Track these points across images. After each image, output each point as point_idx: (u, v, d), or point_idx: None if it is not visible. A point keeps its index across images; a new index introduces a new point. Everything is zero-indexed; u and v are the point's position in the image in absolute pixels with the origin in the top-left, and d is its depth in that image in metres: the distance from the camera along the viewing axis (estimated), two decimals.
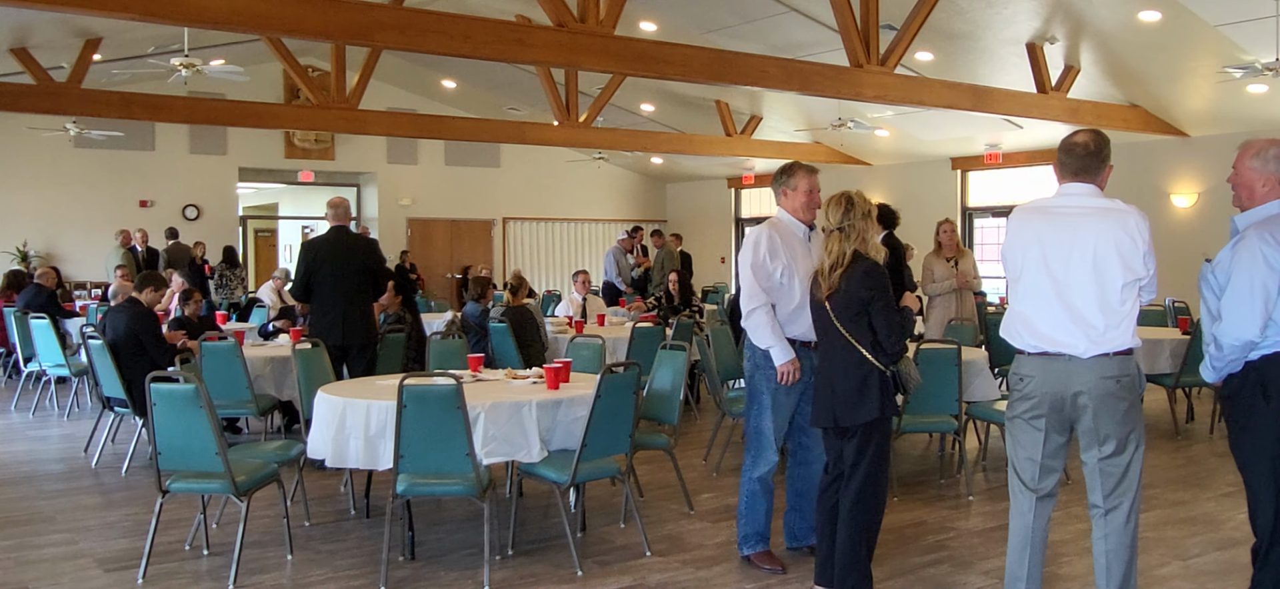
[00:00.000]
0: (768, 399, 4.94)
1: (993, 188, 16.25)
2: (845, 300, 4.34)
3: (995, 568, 5.03)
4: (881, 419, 4.35)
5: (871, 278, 4.34)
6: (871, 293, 4.31)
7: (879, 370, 4.32)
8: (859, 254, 4.38)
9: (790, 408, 4.99)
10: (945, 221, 9.26)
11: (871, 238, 4.42)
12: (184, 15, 6.68)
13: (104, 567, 5.19)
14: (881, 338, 4.32)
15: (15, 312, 10.77)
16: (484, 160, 20.70)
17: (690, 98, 15.75)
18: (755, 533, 5.10)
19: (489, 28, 7.81)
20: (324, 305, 7.48)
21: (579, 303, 11.05)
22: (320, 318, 7.45)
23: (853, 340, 4.32)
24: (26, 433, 9.01)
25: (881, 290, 4.34)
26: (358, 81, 13.18)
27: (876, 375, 4.32)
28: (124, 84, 14.53)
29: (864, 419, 4.32)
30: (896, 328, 4.37)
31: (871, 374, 4.32)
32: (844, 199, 4.43)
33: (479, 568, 5.02)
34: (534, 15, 10.74)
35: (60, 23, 11.78)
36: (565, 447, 5.19)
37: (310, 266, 7.51)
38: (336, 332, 7.37)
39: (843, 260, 4.37)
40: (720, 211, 21.58)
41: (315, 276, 7.49)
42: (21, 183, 17.12)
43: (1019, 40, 11.12)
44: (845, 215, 4.40)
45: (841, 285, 4.35)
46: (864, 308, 4.32)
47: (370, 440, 5.03)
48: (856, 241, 4.39)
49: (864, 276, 4.34)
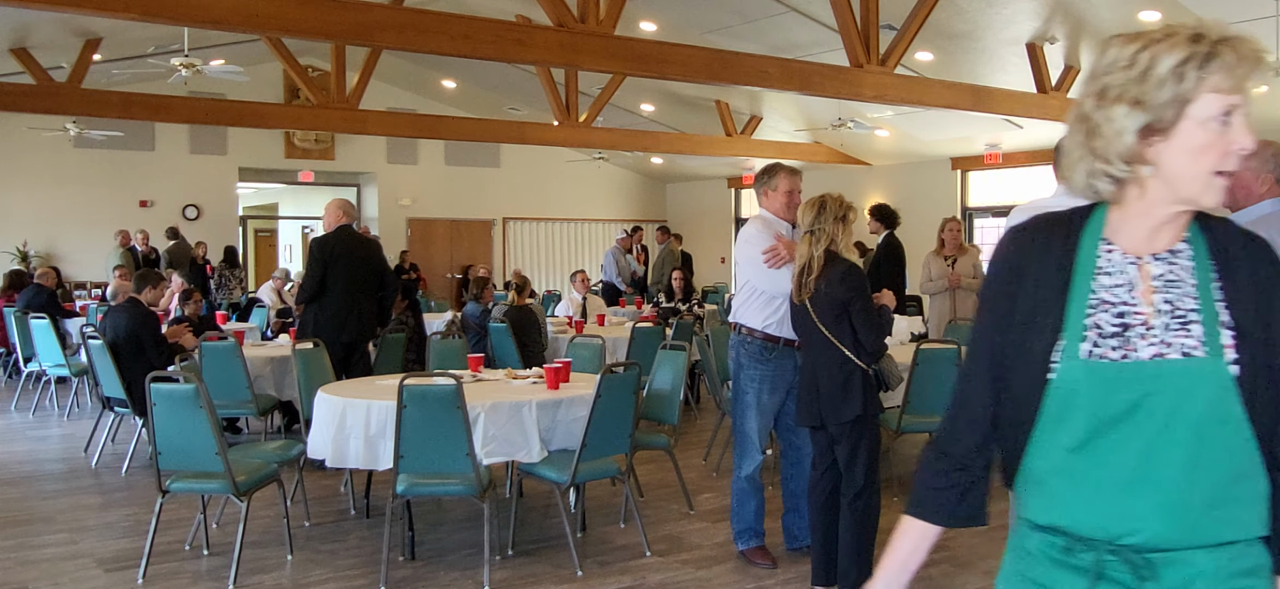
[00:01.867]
0: (751, 399, 5.02)
1: (993, 188, 16.24)
2: (825, 302, 4.39)
3: (995, 568, 5.03)
4: (866, 416, 4.43)
5: (849, 279, 4.39)
6: (850, 293, 4.37)
7: (861, 369, 4.38)
8: (833, 256, 4.42)
9: (773, 408, 5.05)
10: (950, 220, 9.29)
11: (843, 239, 4.46)
12: (184, 15, 6.68)
13: (104, 567, 5.20)
14: (862, 337, 4.38)
15: (15, 312, 10.77)
16: (484, 160, 20.70)
17: (690, 98, 15.75)
18: (747, 529, 5.19)
19: (489, 28, 7.81)
20: (334, 303, 7.53)
21: (579, 302, 11.06)
22: (328, 315, 7.48)
23: (834, 340, 4.37)
24: (26, 433, 9.01)
25: (859, 291, 4.39)
26: (358, 81, 13.18)
27: (859, 374, 4.39)
28: (124, 84, 14.54)
29: (849, 417, 4.39)
30: (876, 327, 4.43)
31: (855, 373, 4.39)
32: (817, 202, 4.49)
33: (479, 568, 5.02)
34: (534, 15, 10.73)
35: (60, 23, 11.78)
36: (565, 447, 5.20)
37: (326, 263, 7.55)
38: (344, 329, 7.44)
39: (814, 263, 4.41)
40: (720, 211, 21.58)
41: (329, 274, 7.54)
42: (21, 183, 17.12)
43: (1019, 40, 11.11)
44: (816, 218, 4.46)
45: (820, 288, 4.40)
46: (844, 309, 4.37)
47: (370, 440, 5.03)
48: (826, 243, 4.43)
49: (842, 278, 4.38)
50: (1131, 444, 1.57)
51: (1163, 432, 1.56)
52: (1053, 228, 1.71)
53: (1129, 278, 1.63)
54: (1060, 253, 1.67)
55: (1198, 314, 1.59)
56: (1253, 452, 1.58)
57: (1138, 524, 1.57)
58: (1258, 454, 1.58)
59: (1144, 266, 1.63)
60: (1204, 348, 1.57)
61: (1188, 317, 1.59)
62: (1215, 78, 1.54)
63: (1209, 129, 1.56)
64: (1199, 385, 1.56)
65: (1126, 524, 1.58)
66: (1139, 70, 1.59)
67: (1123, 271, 1.64)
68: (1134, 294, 1.62)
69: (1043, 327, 1.64)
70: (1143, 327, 1.60)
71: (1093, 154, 1.62)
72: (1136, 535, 1.57)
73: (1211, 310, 1.59)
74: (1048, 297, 1.65)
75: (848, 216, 4.48)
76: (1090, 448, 1.59)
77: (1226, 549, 1.58)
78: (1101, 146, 1.61)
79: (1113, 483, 1.58)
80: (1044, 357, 1.62)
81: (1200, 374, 1.56)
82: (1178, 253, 1.64)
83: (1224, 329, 1.59)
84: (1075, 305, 1.63)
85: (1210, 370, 1.57)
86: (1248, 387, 1.57)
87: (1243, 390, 1.57)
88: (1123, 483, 1.57)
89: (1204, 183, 1.58)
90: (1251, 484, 1.59)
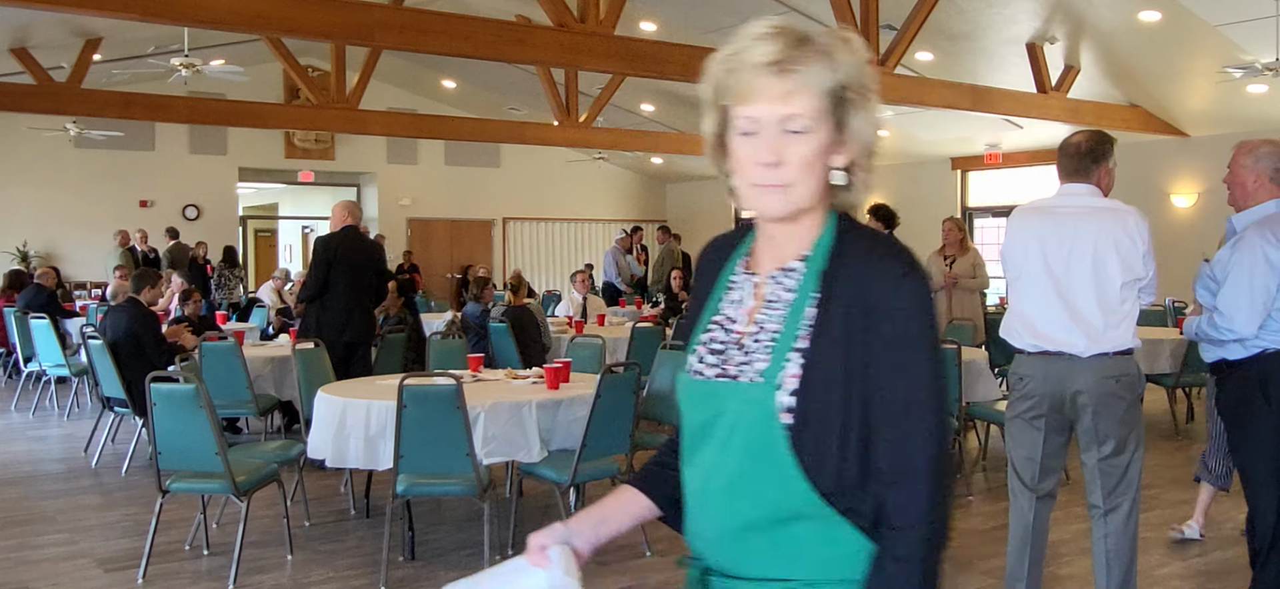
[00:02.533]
0: None
1: (993, 188, 16.25)
2: None
3: (995, 568, 5.03)
4: None
5: None
6: None
7: None
8: None
9: None
10: (946, 220, 9.30)
11: None
12: (184, 15, 6.69)
13: (104, 567, 5.19)
14: None
15: (15, 312, 10.77)
16: (484, 160, 20.70)
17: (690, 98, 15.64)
18: None
19: (489, 28, 7.82)
20: (336, 302, 7.58)
21: (579, 302, 11.05)
22: (330, 315, 7.52)
23: None
24: (26, 433, 9.01)
25: None
26: (358, 81, 13.19)
27: None
28: (124, 84, 14.53)
29: None
30: None
31: None
32: None
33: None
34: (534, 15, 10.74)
35: (60, 23, 11.78)
36: (565, 447, 5.19)
37: (329, 262, 7.60)
38: (346, 328, 7.49)
39: None
40: (720, 211, 21.56)
41: (332, 273, 7.59)
42: (21, 183, 17.11)
43: (1019, 40, 11.12)
44: None
45: None
46: None
47: (370, 440, 5.03)
48: None
49: None
50: (702, 463, 1.56)
51: (720, 454, 1.53)
52: (725, 242, 1.71)
53: (745, 295, 1.60)
54: (717, 267, 1.68)
55: (777, 338, 1.52)
56: (800, 489, 1.47)
57: (701, 544, 1.58)
58: (810, 493, 1.47)
59: (759, 285, 1.59)
60: (762, 375, 1.51)
61: (771, 339, 1.53)
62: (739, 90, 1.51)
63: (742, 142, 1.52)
64: (748, 411, 1.50)
65: (696, 543, 1.60)
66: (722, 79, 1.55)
67: (743, 288, 1.61)
68: (741, 311, 1.59)
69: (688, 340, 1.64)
70: (736, 345, 1.56)
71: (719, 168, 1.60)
72: (704, 556, 1.59)
73: (791, 335, 1.51)
74: (696, 310, 1.67)
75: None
76: (687, 462, 1.60)
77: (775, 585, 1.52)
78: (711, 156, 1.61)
79: (693, 499, 1.59)
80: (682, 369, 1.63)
81: (748, 400, 1.51)
82: (792, 271, 1.56)
83: (796, 355, 1.49)
84: (704, 319, 1.63)
85: (758, 397, 1.50)
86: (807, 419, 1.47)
87: (795, 422, 1.47)
88: (695, 501, 1.58)
89: (749, 194, 1.54)
90: (804, 526, 1.49)
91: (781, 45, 1.49)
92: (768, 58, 1.48)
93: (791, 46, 1.49)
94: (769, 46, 1.49)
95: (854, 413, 1.47)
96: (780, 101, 1.48)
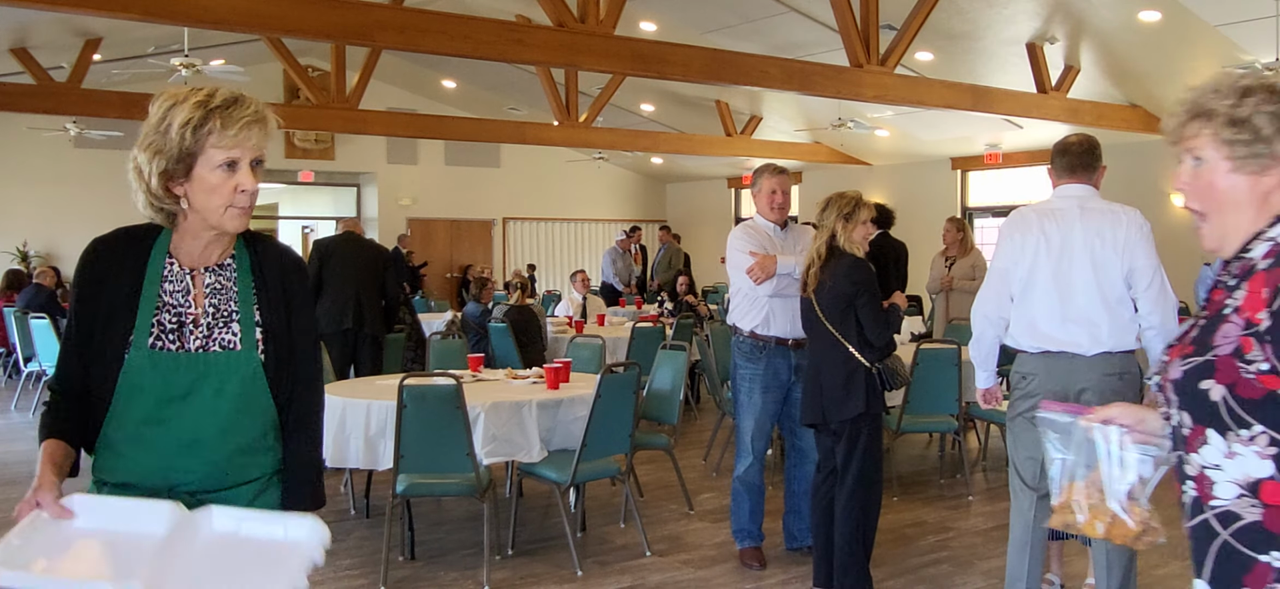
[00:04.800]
0: (743, 398, 5.07)
1: (993, 188, 16.24)
2: (831, 296, 4.38)
3: (995, 568, 5.03)
4: (868, 415, 4.38)
5: (855, 273, 4.37)
6: (855, 288, 4.35)
7: (865, 367, 4.35)
8: (837, 249, 4.42)
9: (769, 407, 5.06)
10: (949, 220, 9.32)
11: (845, 235, 4.46)
12: (184, 15, 6.68)
13: None
14: (868, 333, 4.36)
15: (15, 311, 10.77)
16: (484, 160, 20.69)
17: (690, 98, 15.75)
18: (740, 529, 5.23)
19: (489, 28, 7.81)
20: (335, 292, 7.77)
21: (579, 302, 11.05)
22: (327, 305, 7.66)
23: (839, 336, 4.36)
24: (26, 433, 9.01)
25: (865, 285, 4.37)
26: (358, 81, 13.18)
27: (862, 372, 4.36)
28: (124, 84, 14.53)
29: (850, 414, 4.36)
30: (882, 323, 4.40)
31: (857, 370, 4.35)
32: (827, 198, 4.55)
33: (479, 568, 5.02)
34: (534, 15, 10.73)
35: (60, 23, 11.77)
36: (565, 447, 5.20)
37: (321, 258, 7.86)
38: (348, 316, 7.68)
39: (818, 256, 4.43)
40: (720, 211, 21.57)
41: (325, 267, 7.79)
42: (21, 183, 17.11)
43: (1019, 40, 11.11)
44: (821, 213, 4.53)
45: (826, 281, 4.39)
46: (850, 303, 4.35)
47: (370, 440, 5.03)
48: (826, 237, 4.45)
49: (847, 271, 4.37)
50: (187, 416, 2.10)
51: (210, 406, 2.11)
52: (128, 244, 2.18)
53: (185, 286, 2.16)
54: (133, 265, 2.15)
55: (238, 316, 2.16)
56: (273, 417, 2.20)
57: (189, 477, 2.11)
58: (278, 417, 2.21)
59: (197, 277, 2.17)
60: (240, 342, 2.14)
61: (231, 317, 2.16)
62: (213, 136, 2.05)
63: (217, 174, 2.07)
64: (235, 370, 2.13)
65: (181, 477, 2.11)
66: (162, 128, 2.08)
67: (181, 281, 2.16)
68: (188, 299, 2.15)
69: (117, 325, 2.10)
70: (193, 324, 2.13)
71: (142, 190, 2.12)
72: (189, 484, 2.11)
73: (249, 313, 2.17)
74: (122, 300, 2.12)
75: (854, 213, 4.47)
76: (156, 419, 2.09)
77: (252, 485, 2.19)
78: (143, 184, 2.11)
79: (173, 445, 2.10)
80: (118, 349, 2.09)
81: (236, 362, 2.14)
82: (225, 267, 2.20)
83: (257, 328, 2.17)
84: (144, 307, 2.11)
85: (244, 359, 2.14)
86: (272, 371, 2.17)
87: (268, 373, 2.16)
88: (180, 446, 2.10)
89: (221, 214, 2.09)
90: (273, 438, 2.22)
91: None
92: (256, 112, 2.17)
93: None
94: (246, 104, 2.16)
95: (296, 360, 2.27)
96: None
